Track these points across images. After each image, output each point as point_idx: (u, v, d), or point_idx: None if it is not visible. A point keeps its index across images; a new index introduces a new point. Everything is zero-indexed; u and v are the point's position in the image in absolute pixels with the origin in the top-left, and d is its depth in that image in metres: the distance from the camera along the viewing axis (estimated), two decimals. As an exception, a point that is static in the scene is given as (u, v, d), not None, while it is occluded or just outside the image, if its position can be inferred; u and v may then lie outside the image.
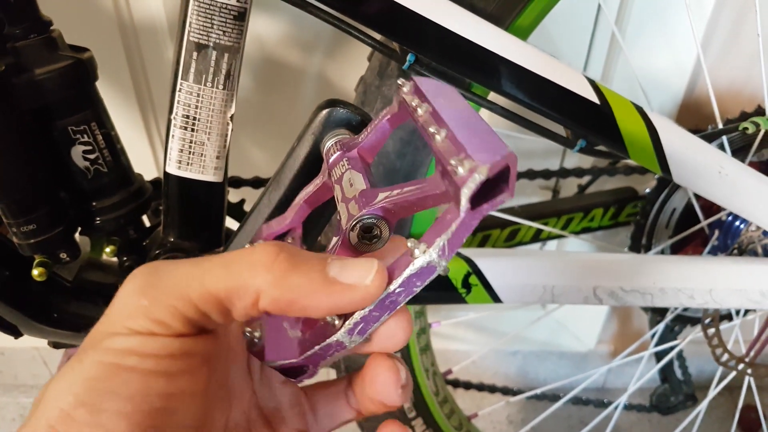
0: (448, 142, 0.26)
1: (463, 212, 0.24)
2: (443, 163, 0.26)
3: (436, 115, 0.29)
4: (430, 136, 0.28)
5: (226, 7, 0.46)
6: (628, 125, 0.50)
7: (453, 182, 0.24)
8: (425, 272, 0.26)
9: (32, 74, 0.46)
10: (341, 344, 0.27)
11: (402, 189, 0.29)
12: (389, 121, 0.36)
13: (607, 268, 0.60)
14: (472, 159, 0.23)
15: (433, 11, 0.44)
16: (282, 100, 0.89)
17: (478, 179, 0.23)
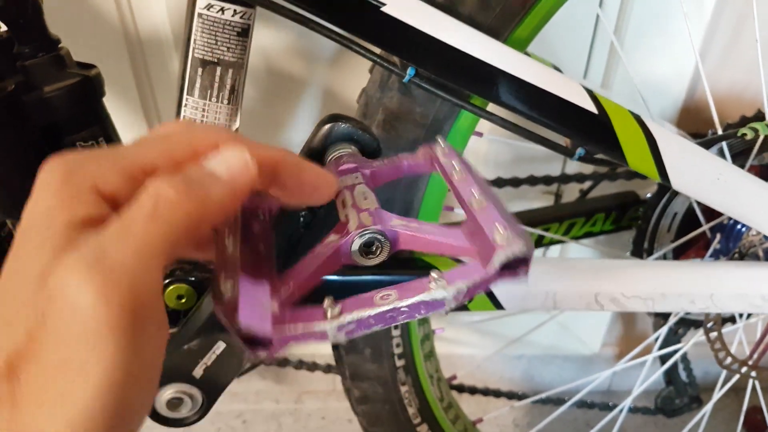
0: (487, 210, 0.30)
1: (490, 271, 0.27)
2: (479, 224, 0.29)
3: (472, 183, 0.34)
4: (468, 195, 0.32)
5: (229, 24, 0.47)
6: (626, 134, 0.51)
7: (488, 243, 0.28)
8: (434, 305, 0.27)
9: (41, 92, 0.47)
10: (324, 335, 0.27)
11: (420, 226, 0.31)
12: (408, 166, 0.40)
13: (609, 274, 0.60)
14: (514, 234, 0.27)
15: (432, 26, 0.45)
16: (286, 110, 0.90)
17: (516, 250, 0.27)
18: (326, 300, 0.28)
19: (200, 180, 0.26)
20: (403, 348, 0.69)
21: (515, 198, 1.02)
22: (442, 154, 0.38)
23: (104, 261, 0.23)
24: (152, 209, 0.24)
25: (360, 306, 0.27)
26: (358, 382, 0.71)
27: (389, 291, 0.28)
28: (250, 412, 1.25)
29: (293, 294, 0.30)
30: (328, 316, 0.27)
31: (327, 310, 0.27)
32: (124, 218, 0.24)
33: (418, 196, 0.59)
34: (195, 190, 0.25)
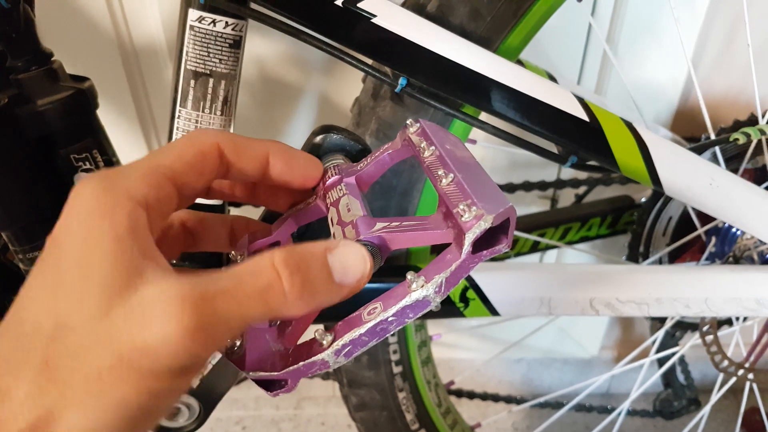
0: (454, 187, 0.29)
1: (464, 255, 0.26)
2: (448, 205, 0.28)
3: (442, 159, 0.32)
4: (437, 178, 0.30)
5: (221, 36, 0.47)
6: (617, 140, 0.51)
7: (458, 225, 0.26)
8: (419, 305, 0.27)
9: (34, 105, 0.47)
10: (326, 364, 0.28)
11: (401, 222, 0.30)
12: (390, 156, 0.38)
13: (603, 280, 0.60)
14: (479, 207, 0.26)
15: (422, 37, 0.45)
16: (280, 117, 0.91)
17: (483, 226, 0.25)
18: (316, 332, 0.28)
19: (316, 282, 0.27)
20: (400, 354, 0.69)
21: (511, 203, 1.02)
22: (414, 134, 0.37)
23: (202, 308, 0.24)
24: (264, 289, 0.25)
25: (350, 327, 0.28)
26: (355, 389, 0.71)
27: (375, 304, 0.28)
28: (250, 418, 1.25)
29: (297, 329, 0.31)
30: (324, 346, 0.27)
31: (322, 341, 0.28)
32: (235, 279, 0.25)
33: (413, 204, 0.60)
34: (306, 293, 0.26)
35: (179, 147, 0.30)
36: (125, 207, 0.26)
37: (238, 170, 0.33)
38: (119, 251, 0.25)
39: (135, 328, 0.23)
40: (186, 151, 0.30)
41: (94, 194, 0.26)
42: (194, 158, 0.30)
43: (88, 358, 0.23)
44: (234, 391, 1.21)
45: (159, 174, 0.28)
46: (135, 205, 0.26)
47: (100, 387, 0.23)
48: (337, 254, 0.28)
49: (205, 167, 0.31)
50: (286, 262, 0.26)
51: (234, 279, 0.25)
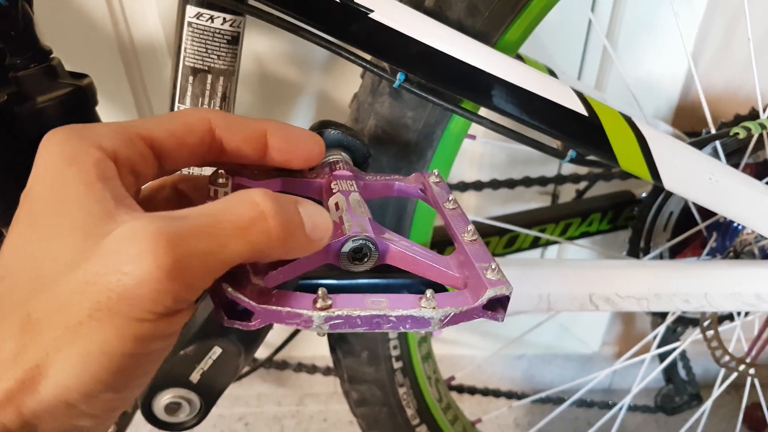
0: (478, 247, 0.32)
1: (478, 303, 0.28)
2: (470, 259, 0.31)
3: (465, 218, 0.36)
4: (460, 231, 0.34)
5: (219, 33, 0.47)
6: (616, 135, 0.51)
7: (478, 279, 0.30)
8: (420, 322, 0.28)
9: (34, 103, 0.47)
10: (309, 321, 0.27)
11: (412, 246, 0.32)
12: (399, 188, 0.41)
13: (603, 275, 0.60)
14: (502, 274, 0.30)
15: (420, 32, 0.45)
16: (279, 113, 0.91)
17: (504, 291, 0.29)
18: (320, 290, 0.28)
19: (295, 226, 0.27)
20: (401, 350, 0.69)
21: (511, 199, 1.02)
22: (434, 183, 0.40)
23: (178, 246, 0.22)
24: (247, 225, 0.25)
25: (350, 304, 0.28)
26: (356, 384, 0.72)
27: (381, 298, 0.28)
28: (252, 415, 1.26)
29: (277, 276, 0.31)
30: (318, 305, 0.27)
31: (318, 299, 0.27)
32: (214, 216, 0.24)
33: (413, 201, 0.60)
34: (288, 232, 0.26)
35: (164, 116, 0.30)
36: (93, 155, 0.25)
37: (235, 149, 0.32)
38: (89, 196, 0.24)
39: (110, 272, 0.22)
40: (170, 120, 0.30)
41: (61, 143, 0.25)
42: (177, 128, 0.30)
43: (68, 308, 0.22)
44: (236, 387, 1.21)
45: (132, 133, 0.28)
46: (103, 155, 0.26)
47: (83, 336, 0.22)
48: (306, 209, 0.27)
49: (189, 138, 0.30)
50: (270, 199, 0.25)
51: (212, 216, 0.24)
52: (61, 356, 0.22)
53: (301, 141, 0.34)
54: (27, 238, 0.24)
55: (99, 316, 0.22)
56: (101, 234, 0.23)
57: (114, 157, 0.26)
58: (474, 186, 0.86)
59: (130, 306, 0.22)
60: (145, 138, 0.29)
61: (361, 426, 0.78)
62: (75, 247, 0.23)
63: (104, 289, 0.22)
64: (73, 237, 0.23)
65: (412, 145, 0.55)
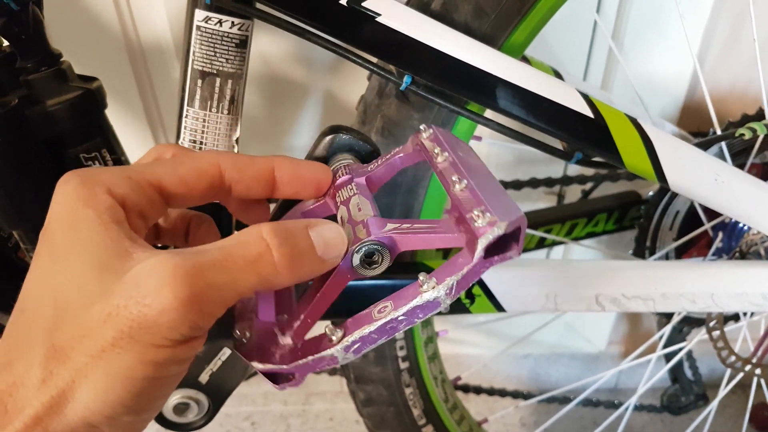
0: (467, 193, 0.29)
1: (476, 259, 0.27)
2: (461, 210, 0.29)
3: (456, 165, 0.33)
4: (450, 183, 0.31)
5: (227, 36, 0.48)
6: (622, 136, 0.51)
7: (470, 231, 0.27)
8: (430, 306, 0.28)
9: (44, 106, 0.48)
10: (334, 359, 0.28)
11: (412, 224, 0.31)
12: (401, 159, 0.39)
13: (609, 276, 0.60)
14: (492, 213, 0.27)
15: (427, 35, 0.46)
16: (287, 116, 0.91)
17: (497, 233, 0.26)
18: (326, 327, 0.28)
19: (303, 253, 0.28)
20: (407, 350, 0.69)
21: (518, 200, 1.01)
22: (427, 139, 0.38)
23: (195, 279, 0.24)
24: (255, 259, 0.27)
25: (360, 324, 0.28)
26: (362, 384, 0.72)
27: (386, 303, 0.28)
28: (259, 413, 1.26)
29: (306, 323, 0.32)
30: (333, 341, 0.28)
31: (331, 336, 0.28)
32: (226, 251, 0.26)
33: (419, 201, 0.60)
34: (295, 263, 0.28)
35: (175, 161, 0.32)
36: (105, 200, 0.27)
37: (244, 189, 0.34)
38: (106, 235, 0.26)
39: (132, 304, 0.24)
40: (181, 166, 0.31)
41: (77, 186, 0.27)
42: (188, 173, 0.31)
43: (92, 337, 0.24)
44: (243, 387, 1.21)
45: (142, 180, 0.30)
46: (113, 201, 0.28)
47: (107, 362, 0.24)
48: (318, 230, 0.29)
49: (199, 183, 0.32)
50: (275, 233, 0.27)
51: (224, 251, 0.26)
52: (87, 381, 0.24)
53: (308, 173, 0.36)
54: (48, 272, 0.26)
55: (122, 344, 0.24)
56: (121, 270, 0.25)
57: (123, 203, 0.28)
58: (480, 186, 0.86)
59: (151, 334, 0.24)
60: (154, 184, 0.30)
61: (367, 425, 0.78)
62: (96, 281, 0.25)
63: (126, 319, 0.24)
64: (93, 272, 0.25)
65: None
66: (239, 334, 0.32)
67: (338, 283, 0.31)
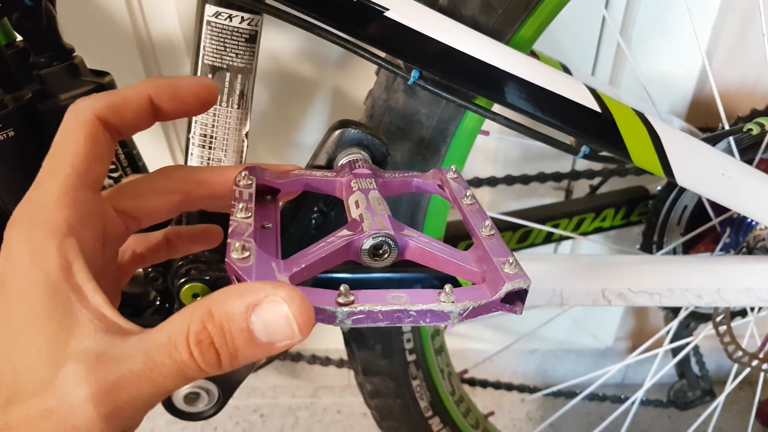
0: (496, 241, 0.33)
1: (496, 297, 0.29)
2: (488, 254, 0.32)
3: (483, 213, 0.37)
4: (476, 226, 0.35)
5: (237, 31, 0.48)
6: (629, 131, 0.51)
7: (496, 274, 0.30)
8: (440, 316, 0.29)
9: (57, 100, 0.49)
10: (333, 317, 0.28)
11: (431, 242, 0.33)
12: (417, 185, 0.42)
13: (615, 270, 0.61)
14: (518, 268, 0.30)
15: (435, 29, 0.46)
16: (295, 110, 0.92)
17: (521, 285, 0.29)
18: (342, 286, 0.29)
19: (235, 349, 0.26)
20: (414, 343, 0.70)
21: (525, 195, 1.02)
22: (452, 179, 0.41)
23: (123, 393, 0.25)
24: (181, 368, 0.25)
25: (372, 300, 0.29)
26: (370, 377, 0.73)
27: (401, 293, 0.29)
28: (268, 406, 1.27)
29: (302, 273, 0.31)
30: (341, 301, 0.28)
31: (341, 295, 0.28)
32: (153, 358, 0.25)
33: (426, 196, 0.60)
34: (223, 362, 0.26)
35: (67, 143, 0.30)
36: (52, 244, 0.27)
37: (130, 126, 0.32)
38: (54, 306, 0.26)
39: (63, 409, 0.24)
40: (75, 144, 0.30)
41: (23, 238, 0.27)
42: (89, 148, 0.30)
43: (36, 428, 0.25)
44: (252, 379, 1.22)
45: (70, 189, 0.29)
46: (61, 237, 0.27)
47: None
48: (262, 314, 0.25)
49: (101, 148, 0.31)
50: (197, 339, 0.25)
51: (149, 358, 0.25)
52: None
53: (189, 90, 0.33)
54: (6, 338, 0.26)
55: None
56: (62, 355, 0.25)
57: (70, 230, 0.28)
58: (488, 182, 0.86)
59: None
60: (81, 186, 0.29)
61: (374, 418, 0.79)
62: (41, 367, 0.25)
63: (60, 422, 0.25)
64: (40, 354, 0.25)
65: (426, 141, 0.56)
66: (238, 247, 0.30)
67: (341, 254, 0.32)
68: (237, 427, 1.23)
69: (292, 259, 0.31)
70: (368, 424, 1.23)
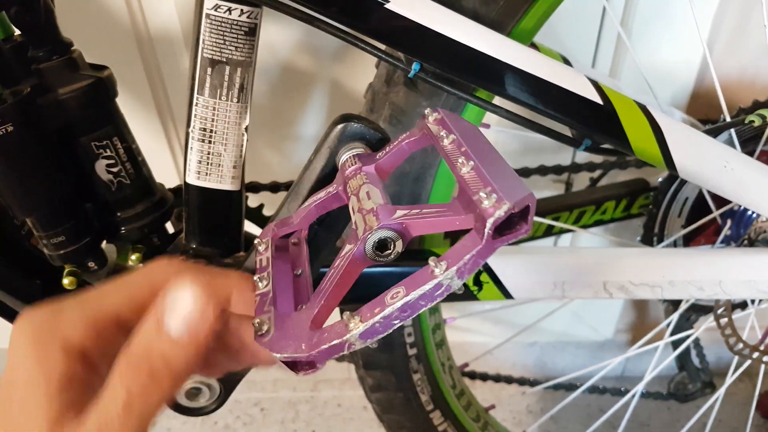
0: (474, 174, 0.29)
1: (485, 240, 0.27)
2: (468, 192, 0.29)
3: (462, 147, 0.33)
4: (456, 165, 0.31)
5: (237, 24, 0.48)
6: (631, 123, 0.51)
7: (478, 212, 0.27)
8: (442, 289, 0.28)
9: (56, 94, 0.48)
10: (352, 345, 0.29)
11: (421, 210, 0.31)
12: (408, 145, 0.40)
13: (616, 263, 0.61)
14: (498, 193, 0.26)
15: (435, 21, 0.46)
16: (296, 104, 0.91)
17: (504, 212, 0.26)
18: (344, 314, 0.29)
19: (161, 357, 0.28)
20: (415, 337, 0.70)
21: (526, 187, 1.02)
22: (432, 122, 0.38)
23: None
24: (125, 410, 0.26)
25: (374, 311, 0.28)
26: (371, 370, 0.73)
27: (398, 289, 0.29)
28: (268, 400, 1.27)
29: (323, 311, 0.32)
30: (350, 328, 0.28)
31: (348, 323, 0.29)
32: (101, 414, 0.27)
33: (427, 189, 0.60)
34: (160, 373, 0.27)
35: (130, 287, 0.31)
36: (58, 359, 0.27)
37: None
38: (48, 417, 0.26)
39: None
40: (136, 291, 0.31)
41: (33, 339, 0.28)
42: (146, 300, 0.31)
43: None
44: (252, 373, 1.22)
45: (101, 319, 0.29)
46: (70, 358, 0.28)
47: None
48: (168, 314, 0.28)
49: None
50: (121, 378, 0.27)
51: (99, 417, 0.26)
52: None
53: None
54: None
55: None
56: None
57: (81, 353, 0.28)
58: (488, 174, 0.86)
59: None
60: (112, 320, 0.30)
61: (375, 411, 0.79)
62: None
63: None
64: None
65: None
66: (258, 325, 0.32)
67: (353, 270, 0.32)
68: (238, 421, 1.23)
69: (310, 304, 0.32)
70: (368, 417, 1.23)
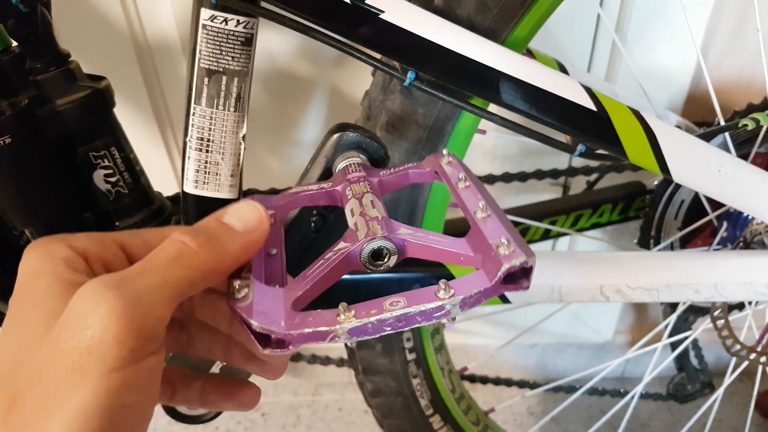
0: (491, 223, 0.32)
1: (495, 281, 0.29)
2: (484, 237, 0.31)
3: (477, 195, 0.36)
4: (473, 209, 0.34)
5: (233, 34, 0.48)
6: (625, 129, 0.51)
7: (493, 255, 0.29)
8: (442, 312, 0.29)
9: (54, 105, 0.49)
10: (336, 337, 0.29)
11: (428, 235, 0.33)
12: (413, 175, 0.42)
13: (613, 266, 0.61)
14: (516, 246, 0.29)
15: (430, 31, 0.46)
16: (292, 111, 0.92)
17: (519, 263, 0.29)
18: (340, 305, 0.29)
19: (219, 234, 0.31)
20: (414, 342, 0.70)
21: (523, 191, 1.02)
22: (446, 164, 0.40)
23: (124, 288, 0.25)
24: (176, 255, 0.28)
25: (371, 311, 0.29)
26: (370, 376, 0.73)
27: (398, 298, 0.29)
28: (269, 404, 1.28)
29: (305, 297, 0.32)
30: (341, 320, 0.28)
31: (340, 314, 0.29)
32: (148, 260, 0.28)
33: (424, 195, 0.60)
34: (214, 244, 0.30)
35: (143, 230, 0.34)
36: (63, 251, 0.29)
37: None
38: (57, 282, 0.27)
39: (77, 332, 0.24)
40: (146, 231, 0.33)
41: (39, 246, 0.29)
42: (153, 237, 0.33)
43: (46, 379, 0.24)
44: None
45: (105, 237, 0.31)
46: (72, 252, 0.29)
47: (62, 401, 0.23)
48: (230, 212, 0.32)
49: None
50: (185, 231, 0.30)
51: (146, 260, 0.28)
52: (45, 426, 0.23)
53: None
54: (10, 332, 0.27)
55: (73, 377, 0.24)
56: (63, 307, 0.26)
57: (84, 254, 0.30)
58: (486, 179, 0.86)
59: (100, 359, 0.24)
60: (116, 242, 0.32)
61: (375, 416, 0.79)
62: (45, 328, 0.26)
63: (75, 350, 0.24)
64: (43, 321, 0.26)
65: (423, 141, 0.56)
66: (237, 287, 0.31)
67: (342, 267, 0.32)
68: (239, 426, 1.24)
69: (293, 285, 0.32)
70: (369, 420, 1.23)
